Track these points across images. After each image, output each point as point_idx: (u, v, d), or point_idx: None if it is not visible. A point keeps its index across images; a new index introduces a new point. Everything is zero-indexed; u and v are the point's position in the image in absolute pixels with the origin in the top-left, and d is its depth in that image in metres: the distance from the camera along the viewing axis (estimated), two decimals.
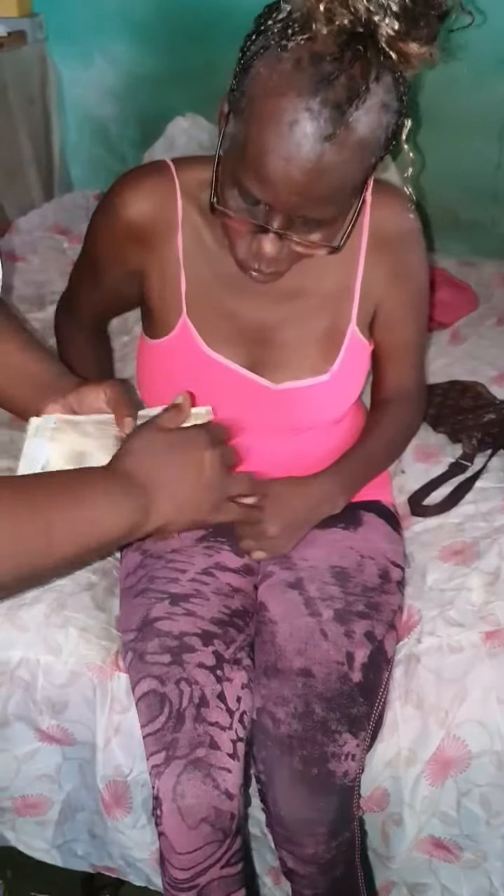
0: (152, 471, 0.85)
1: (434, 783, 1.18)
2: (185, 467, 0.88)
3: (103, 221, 1.16)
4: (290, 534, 1.20)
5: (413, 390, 1.33)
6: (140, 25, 2.53)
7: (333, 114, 0.84)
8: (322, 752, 1.06)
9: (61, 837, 1.34)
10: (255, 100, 0.88)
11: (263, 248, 0.97)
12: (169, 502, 0.86)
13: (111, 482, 0.83)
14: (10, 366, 0.97)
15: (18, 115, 2.51)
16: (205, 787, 1.04)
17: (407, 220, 1.17)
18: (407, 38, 0.85)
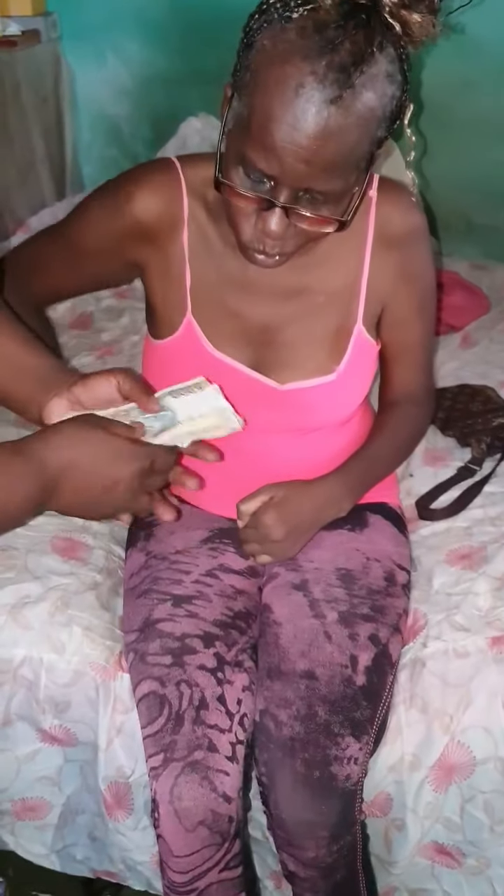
0: (68, 467, 0.85)
1: (438, 789, 1.17)
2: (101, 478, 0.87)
3: (104, 214, 1.14)
4: (296, 537, 1.19)
5: (421, 392, 1.31)
6: (153, 25, 2.54)
7: (339, 76, 0.84)
8: (324, 756, 1.05)
9: (61, 842, 1.34)
10: (260, 70, 0.88)
11: (269, 226, 0.95)
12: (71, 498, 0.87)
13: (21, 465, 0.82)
14: (6, 359, 0.96)
15: (31, 114, 2.51)
16: (202, 789, 1.03)
17: (413, 218, 1.16)
18: (409, 7, 0.86)
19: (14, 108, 2.42)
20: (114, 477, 0.86)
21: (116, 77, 2.67)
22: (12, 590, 1.26)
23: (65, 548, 1.35)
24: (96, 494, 0.88)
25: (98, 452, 0.86)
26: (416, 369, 1.29)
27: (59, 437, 0.85)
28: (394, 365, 1.28)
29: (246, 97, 0.90)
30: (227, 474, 1.23)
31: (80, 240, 1.17)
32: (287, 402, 1.18)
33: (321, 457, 1.26)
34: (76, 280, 1.25)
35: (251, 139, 0.90)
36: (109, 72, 2.67)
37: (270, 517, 1.15)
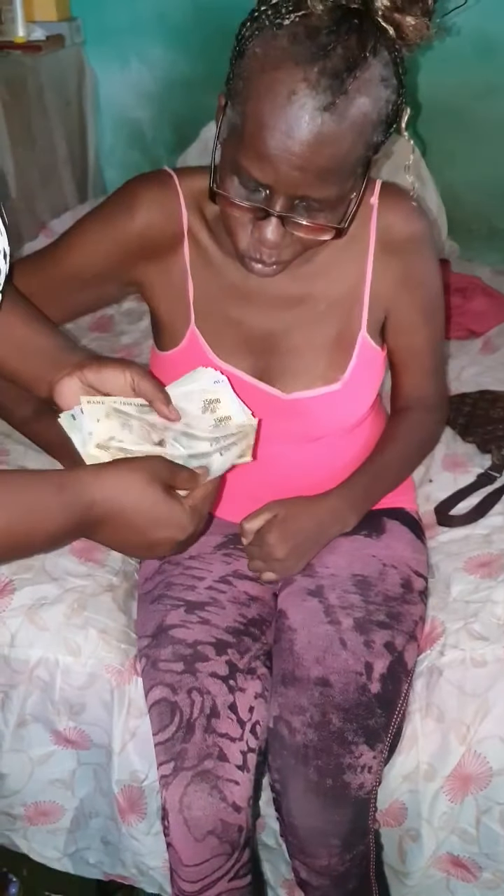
0: (115, 516, 0.81)
1: (453, 799, 1.16)
2: (145, 535, 0.84)
3: (103, 237, 1.11)
4: (299, 555, 1.18)
5: (431, 397, 1.30)
6: (176, 29, 2.55)
7: (332, 83, 0.83)
8: (337, 763, 1.04)
9: (73, 845, 1.34)
10: (252, 78, 0.87)
11: (265, 234, 0.94)
12: (108, 540, 0.85)
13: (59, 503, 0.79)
14: (15, 338, 0.94)
15: (55, 118, 2.53)
16: (211, 799, 1.02)
17: (415, 223, 1.14)
18: (402, 10, 0.84)
19: (38, 112, 2.44)
20: (157, 540, 0.85)
21: (139, 81, 2.69)
22: (30, 591, 1.26)
23: (82, 550, 1.35)
24: (136, 547, 0.87)
25: (149, 513, 0.82)
26: (425, 375, 1.27)
27: (115, 482, 0.81)
28: (402, 371, 1.27)
29: (239, 105, 0.90)
30: (239, 481, 1.23)
31: (78, 267, 1.14)
32: (293, 410, 1.18)
33: (333, 461, 1.25)
34: (68, 310, 1.19)
35: (245, 147, 0.89)
36: (132, 76, 2.68)
37: (273, 536, 1.15)
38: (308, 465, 1.24)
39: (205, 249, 1.13)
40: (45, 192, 2.52)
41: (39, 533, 0.78)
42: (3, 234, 0.80)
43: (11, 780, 1.29)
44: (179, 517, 0.85)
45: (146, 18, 2.57)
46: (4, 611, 1.25)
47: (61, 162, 2.61)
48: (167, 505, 0.83)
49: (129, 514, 0.82)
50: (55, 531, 0.79)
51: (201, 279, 1.14)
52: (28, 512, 0.77)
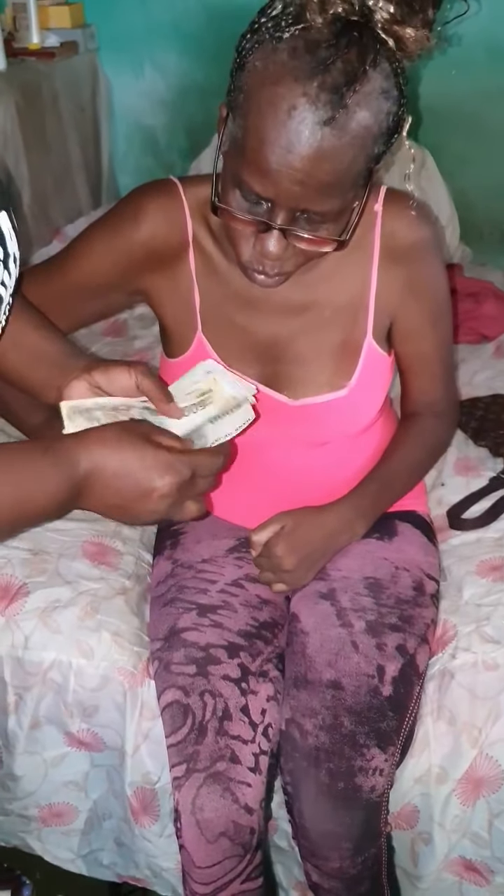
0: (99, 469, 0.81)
1: (465, 802, 1.16)
2: (133, 484, 0.83)
3: (109, 247, 1.12)
4: (308, 566, 1.19)
5: (440, 402, 1.30)
6: (190, 36, 2.56)
7: (332, 97, 0.83)
8: (349, 766, 1.04)
9: (87, 847, 1.34)
10: (252, 91, 0.87)
11: (267, 247, 0.95)
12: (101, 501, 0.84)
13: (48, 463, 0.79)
14: (24, 345, 0.95)
15: (69, 124, 2.55)
16: (224, 801, 1.03)
17: (419, 230, 1.14)
18: (402, 22, 0.84)
19: (52, 118, 2.46)
20: (147, 485, 0.83)
21: (153, 87, 2.70)
22: (43, 594, 1.27)
23: (95, 553, 1.36)
24: (129, 501, 0.85)
25: (132, 459, 0.82)
26: (434, 380, 1.27)
27: (96, 439, 0.82)
28: (410, 376, 1.27)
29: (240, 118, 0.90)
30: (249, 486, 1.24)
31: (85, 277, 1.15)
32: (300, 416, 1.18)
33: (343, 465, 1.25)
34: (76, 319, 1.20)
35: (246, 162, 0.90)
36: (146, 82, 2.70)
37: (281, 548, 1.15)
38: (317, 469, 1.24)
39: (210, 257, 1.13)
40: (59, 197, 2.54)
41: (37, 501, 0.78)
42: (13, 240, 0.80)
43: (25, 782, 1.30)
44: (168, 459, 0.83)
45: (160, 25, 2.59)
46: (18, 613, 1.26)
47: (75, 168, 2.63)
48: (149, 450, 0.83)
49: (115, 466, 0.81)
50: (50, 498, 0.79)
51: (207, 287, 1.14)
52: (21, 481, 0.77)
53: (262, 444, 1.19)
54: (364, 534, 1.24)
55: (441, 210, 2.41)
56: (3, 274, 0.78)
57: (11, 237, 0.80)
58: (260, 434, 1.16)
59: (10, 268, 0.80)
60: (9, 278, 0.80)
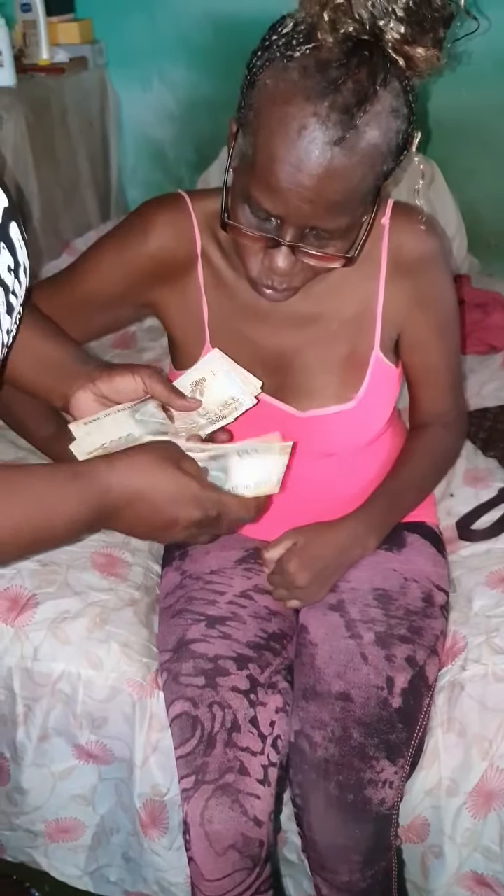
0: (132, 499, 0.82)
1: (476, 815, 1.15)
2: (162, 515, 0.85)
3: (118, 260, 1.13)
4: (321, 581, 1.19)
5: (449, 414, 1.29)
6: (197, 50, 2.58)
7: (342, 118, 0.84)
8: (358, 778, 1.04)
9: (94, 863, 1.34)
10: (263, 110, 0.88)
11: (276, 263, 0.96)
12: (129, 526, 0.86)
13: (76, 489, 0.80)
14: (32, 351, 0.95)
15: (78, 138, 2.57)
16: (233, 813, 1.02)
17: (426, 243, 1.14)
18: (412, 42, 0.84)
19: (61, 133, 2.48)
20: (175, 517, 0.85)
21: (161, 102, 2.72)
22: (52, 605, 1.27)
23: (104, 564, 1.36)
24: (155, 528, 0.87)
25: (164, 490, 0.83)
26: (442, 391, 1.27)
27: (128, 466, 0.83)
28: (419, 388, 1.27)
29: (250, 136, 0.90)
30: None
31: (94, 290, 1.15)
32: (308, 428, 1.18)
33: (352, 476, 1.25)
34: (86, 332, 1.19)
35: (256, 179, 0.90)
36: (154, 97, 2.72)
37: (293, 564, 1.15)
38: (326, 480, 1.24)
39: (218, 270, 1.14)
40: (68, 211, 2.55)
41: (59, 522, 0.79)
42: (22, 249, 0.81)
43: (33, 796, 1.30)
44: (195, 493, 0.85)
45: (168, 40, 2.61)
46: (28, 625, 1.26)
47: (84, 182, 2.64)
48: (179, 480, 0.84)
49: (145, 494, 0.82)
50: (75, 519, 0.80)
51: (215, 299, 1.15)
52: (45, 503, 0.78)
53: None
54: (375, 548, 1.24)
55: (449, 222, 2.42)
56: (15, 283, 0.79)
57: (22, 247, 0.81)
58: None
59: (21, 277, 0.81)
60: (20, 288, 0.81)
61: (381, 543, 1.25)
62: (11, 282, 0.78)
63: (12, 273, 0.78)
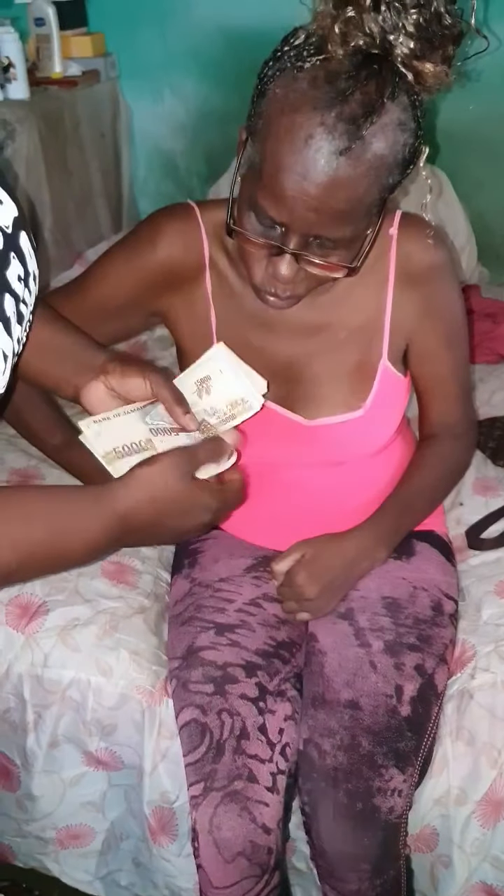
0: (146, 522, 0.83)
1: (485, 825, 1.15)
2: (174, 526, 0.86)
3: (128, 268, 1.15)
4: (330, 593, 1.19)
5: (459, 424, 1.29)
6: (208, 63, 2.60)
7: (349, 128, 0.85)
8: (367, 787, 1.04)
9: (105, 868, 1.34)
10: (271, 118, 0.89)
11: (279, 270, 0.97)
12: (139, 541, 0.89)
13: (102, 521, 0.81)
14: (40, 340, 0.94)
15: (90, 150, 2.59)
16: (241, 820, 1.02)
17: (434, 254, 1.15)
18: (421, 57, 0.85)
19: (73, 145, 2.50)
20: (183, 528, 0.88)
21: (172, 113, 2.74)
22: (62, 612, 1.28)
23: (114, 572, 1.36)
24: (166, 538, 0.91)
25: (175, 506, 0.85)
26: (452, 401, 1.27)
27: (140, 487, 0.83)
28: (428, 398, 1.27)
29: (258, 144, 0.91)
30: (267, 506, 1.24)
31: (105, 298, 1.17)
32: (316, 437, 1.18)
33: (360, 485, 1.26)
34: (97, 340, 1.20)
35: (262, 186, 0.91)
36: (166, 108, 2.74)
37: (302, 576, 1.16)
38: (335, 489, 1.24)
39: (226, 279, 1.15)
40: (80, 222, 2.57)
41: (77, 545, 0.81)
42: (32, 259, 0.82)
43: (43, 803, 1.30)
44: (205, 501, 0.86)
45: (179, 53, 2.63)
46: (38, 632, 1.26)
47: (96, 193, 2.67)
48: (195, 493, 0.85)
49: (159, 514, 0.84)
50: (93, 543, 0.81)
51: (223, 308, 1.16)
52: (67, 525, 0.80)
53: (279, 464, 1.19)
54: (385, 559, 1.24)
55: (459, 232, 2.43)
56: (25, 292, 0.80)
57: (31, 257, 0.82)
58: (276, 454, 1.17)
59: (31, 286, 0.82)
60: (29, 297, 0.81)
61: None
62: (22, 291, 0.79)
63: (22, 282, 0.79)
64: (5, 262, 0.76)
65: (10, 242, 0.77)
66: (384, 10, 0.83)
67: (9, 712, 1.28)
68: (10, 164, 2.14)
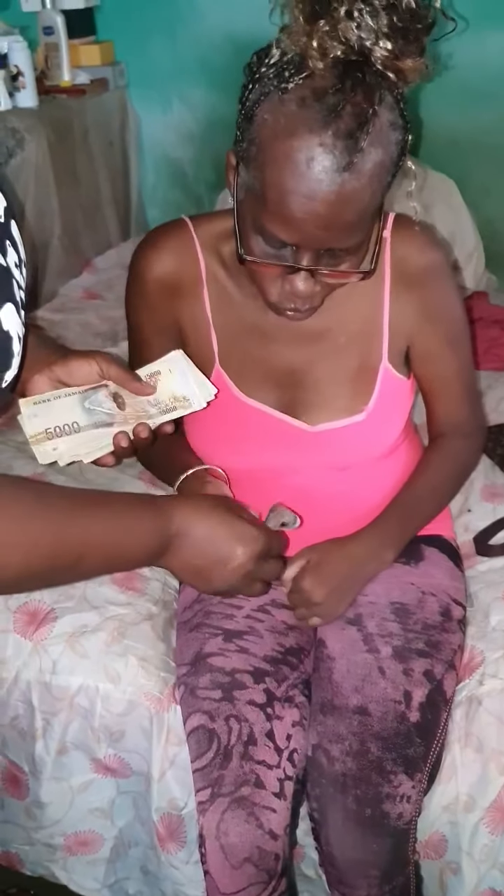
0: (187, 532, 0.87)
1: (494, 832, 1.14)
2: (215, 550, 0.89)
3: (135, 289, 1.17)
4: (339, 597, 1.18)
5: (466, 424, 1.29)
6: (217, 71, 2.61)
7: (347, 143, 0.85)
8: (376, 793, 1.04)
9: (113, 876, 1.34)
10: (267, 145, 0.89)
11: (297, 287, 0.97)
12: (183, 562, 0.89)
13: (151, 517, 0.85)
14: None
15: (99, 158, 2.61)
16: (248, 826, 1.02)
17: (429, 254, 1.15)
18: (401, 55, 0.85)
19: (82, 153, 2.52)
20: (228, 554, 0.89)
21: (181, 122, 2.75)
22: (71, 619, 1.28)
23: (122, 578, 1.37)
24: (208, 565, 0.90)
25: (217, 527, 0.89)
26: (457, 401, 1.27)
27: (189, 504, 0.89)
28: (433, 399, 1.27)
29: (255, 170, 0.91)
30: None
31: (137, 325, 1.20)
32: (319, 442, 1.18)
33: (368, 489, 1.25)
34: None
35: (268, 212, 0.91)
36: (174, 117, 2.75)
37: (308, 581, 1.15)
38: (342, 494, 1.24)
39: (224, 290, 1.15)
40: (89, 230, 2.59)
41: (133, 552, 0.84)
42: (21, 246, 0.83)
43: (52, 810, 1.30)
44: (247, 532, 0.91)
45: (187, 61, 2.64)
46: (46, 638, 1.27)
47: (105, 201, 2.68)
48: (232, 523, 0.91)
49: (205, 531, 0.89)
50: (145, 553, 0.85)
51: (222, 320, 1.16)
52: (128, 533, 0.83)
53: (285, 470, 1.20)
54: (392, 561, 1.23)
55: (466, 239, 2.43)
56: (21, 278, 0.81)
57: (21, 244, 0.83)
58: (281, 461, 1.17)
59: (24, 272, 0.83)
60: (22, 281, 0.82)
61: (398, 556, 1.24)
62: (20, 277, 0.80)
63: (18, 269, 0.80)
64: (3, 249, 0.77)
65: (3, 231, 0.78)
66: (357, 16, 0.83)
67: (17, 719, 1.29)
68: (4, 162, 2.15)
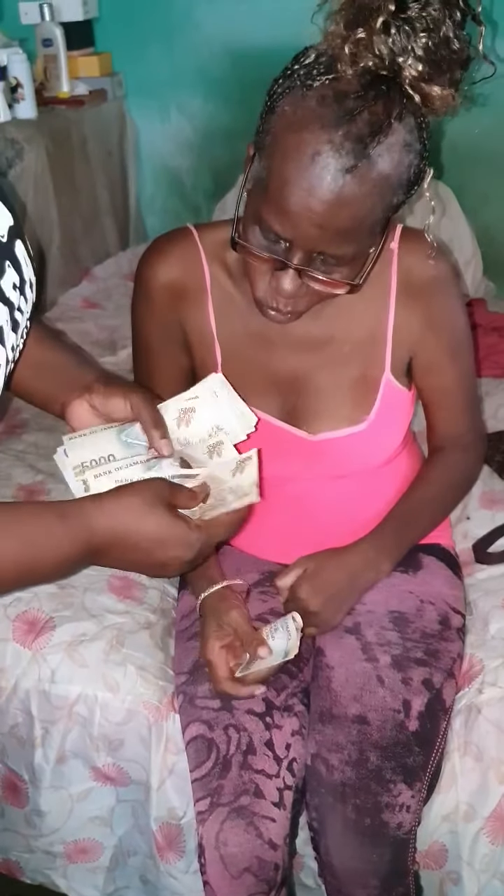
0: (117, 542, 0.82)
1: (494, 841, 1.14)
2: (150, 557, 0.85)
3: (141, 296, 1.18)
4: (335, 606, 1.18)
5: (466, 436, 1.29)
6: (214, 81, 2.63)
7: (355, 147, 0.86)
8: (376, 802, 1.03)
9: (112, 884, 1.33)
10: (279, 135, 0.90)
11: (282, 285, 0.97)
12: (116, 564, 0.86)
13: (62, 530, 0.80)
14: (30, 357, 0.95)
15: (97, 168, 2.62)
16: (247, 835, 1.02)
17: (435, 267, 1.15)
18: (429, 80, 0.86)
19: (81, 163, 2.53)
20: (163, 560, 0.86)
21: (179, 131, 2.77)
22: (69, 628, 1.28)
23: (121, 587, 1.36)
24: (144, 568, 0.88)
25: (152, 532, 0.83)
26: (458, 413, 1.27)
27: (115, 507, 0.83)
28: (434, 410, 1.27)
29: (265, 160, 0.93)
30: (274, 520, 1.24)
31: (144, 335, 1.20)
32: (320, 451, 1.19)
33: (367, 498, 1.25)
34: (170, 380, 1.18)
35: (268, 201, 0.92)
36: (172, 127, 2.76)
37: (304, 590, 1.15)
38: (341, 503, 1.24)
39: (228, 297, 1.16)
40: (88, 239, 2.60)
41: (45, 562, 0.80)
42: (28, 266, 0.83)
43: (51, 818, 1.30)
44: (184, 536, 0.85)
45: (186, 72, 2.66)
46: (45, 647, 1.27)
47: (103, 210, 2.69)
48: (170, 525, 0.84)
49: (132, 538, 0.82)
50: (61, 560, 0.80)
51: (226, 326, 1.17)
52: (33, 542, 0.79)
53: (284, 478, 1.20)
54: (389, 571, 1.23)
55: (464, 246, 2.43)
56: (20, 300, 0.80)
57: (27, 264, 0.83)
58: (281, 469, 1.17)
59: (27, 294, 0.83)
60: (25, 304, 0.82)
61: (396, 565, 1.24)
62: (17, 299, 0.80)
63: (17, 290, 0.80)
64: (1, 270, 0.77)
65: (5, 251, 0.78)
66: (394, 32, 0.85)
67: (16, 728, 1.28)
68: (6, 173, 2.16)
